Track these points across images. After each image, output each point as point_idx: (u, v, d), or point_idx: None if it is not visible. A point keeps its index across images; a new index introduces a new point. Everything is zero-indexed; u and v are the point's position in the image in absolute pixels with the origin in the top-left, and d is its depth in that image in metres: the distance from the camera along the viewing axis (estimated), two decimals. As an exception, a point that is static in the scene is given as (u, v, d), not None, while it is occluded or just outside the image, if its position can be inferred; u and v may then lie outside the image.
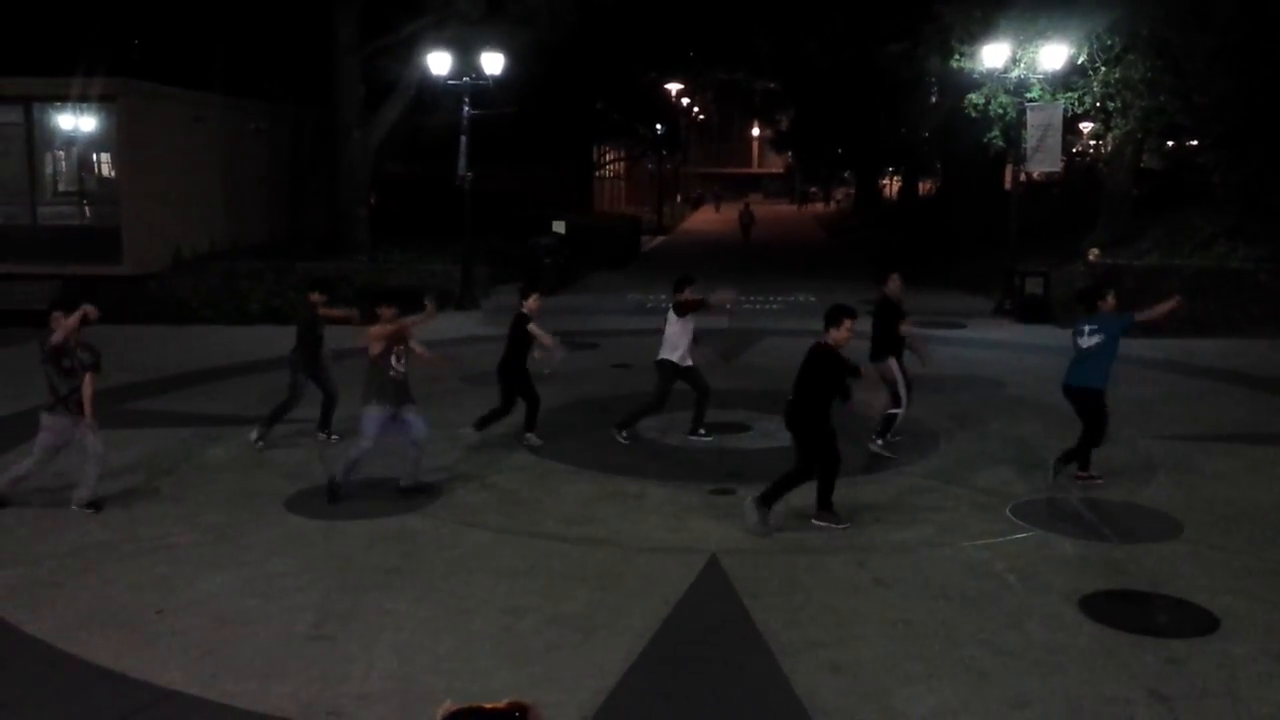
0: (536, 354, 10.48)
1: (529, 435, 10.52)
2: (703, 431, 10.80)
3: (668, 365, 10.55)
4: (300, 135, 26.94)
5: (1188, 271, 18.78)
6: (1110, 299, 9.18)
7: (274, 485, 9.23)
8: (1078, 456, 9.10)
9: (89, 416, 8.36)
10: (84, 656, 6.08)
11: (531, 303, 10.45)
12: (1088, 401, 9.01)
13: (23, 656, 6.13)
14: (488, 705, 2.33)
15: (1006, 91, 20.68)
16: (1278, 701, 5.62)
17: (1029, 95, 20.22)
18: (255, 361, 14.66)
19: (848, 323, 8.14)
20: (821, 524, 8.11)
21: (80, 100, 20.34)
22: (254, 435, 10.36)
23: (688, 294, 10.51)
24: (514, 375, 10.46)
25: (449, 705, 2.36)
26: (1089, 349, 9.00)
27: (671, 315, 10.64)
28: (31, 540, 7.89)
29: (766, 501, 8.05)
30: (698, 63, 48.24)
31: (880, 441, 10.17)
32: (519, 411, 10.57)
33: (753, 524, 7.98)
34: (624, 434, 10.63)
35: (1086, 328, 9.07)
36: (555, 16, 25.13)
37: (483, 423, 10.54)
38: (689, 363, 10.64)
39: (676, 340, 10.56)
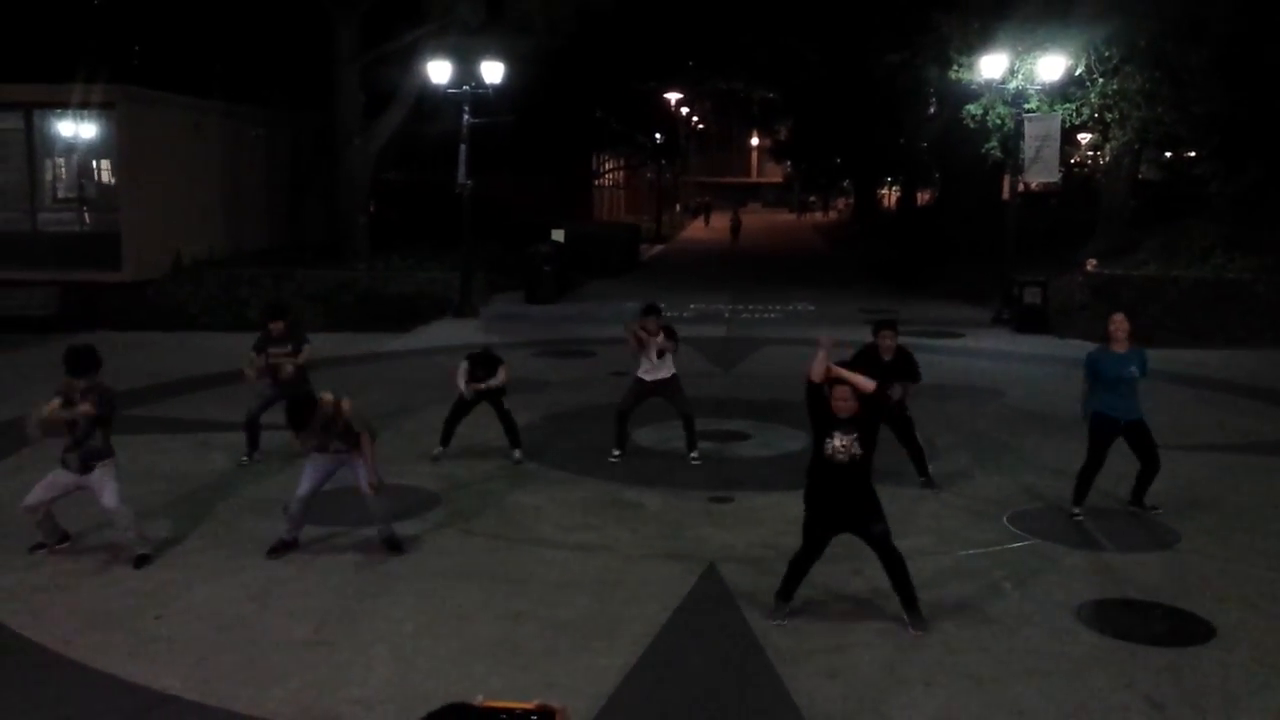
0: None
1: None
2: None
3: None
4: (300, 142, 26.99)
5: (1185, 282, 18.84)
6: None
7: (273, 491, 9.24)
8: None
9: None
10: (83, 661, 6.09)
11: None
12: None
13: (22, 660, 6.14)
14: (516, 705, 2.39)
15: (1004, 102, 20.75)
16: (1273, 710, 5.65)
17: (1027, 106, 20.29)
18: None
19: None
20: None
21: (80, 107, 20.37)
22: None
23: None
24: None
25: (481, 699, 2.42)
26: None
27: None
28: (31, 545, 7.89)
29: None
30: (697, 72, 48.34)
31: None
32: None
33: None
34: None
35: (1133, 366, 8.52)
36: (554, 25, 25.20)
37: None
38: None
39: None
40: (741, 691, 5.84)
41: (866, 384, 6.51)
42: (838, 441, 6.45)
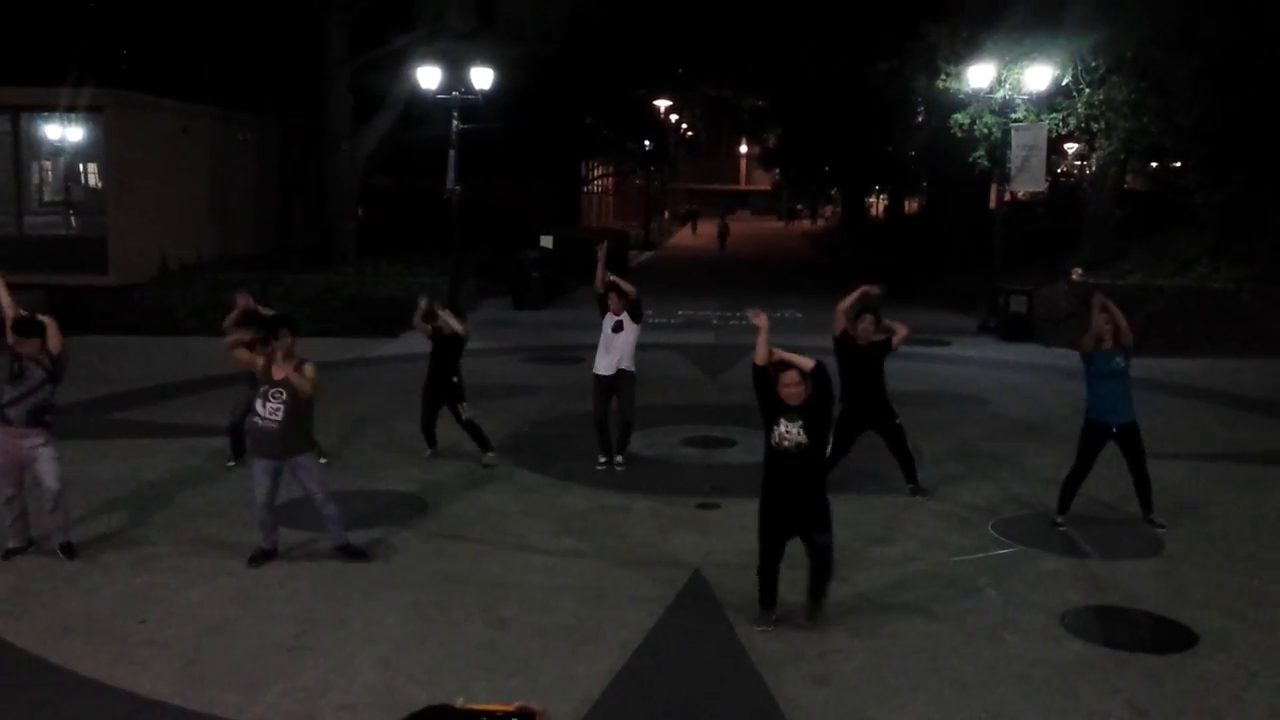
0: None
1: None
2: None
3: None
4: (289, 147, 26.93)
5: (1170, 291, 18.92)
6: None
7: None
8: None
9: None
10: (66, 665, 6.06)
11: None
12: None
13: (5, 665, 6.10)
14: (496, 707, 2.41)
15: (992, 111, 20.84)
16: (1254, 717, 5.68)
17: (1014, 115, 20.38)
18: (240, 374, 14.61)
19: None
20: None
21: (68, 110, 20.30)
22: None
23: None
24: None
25: (462, 702, 2.43)
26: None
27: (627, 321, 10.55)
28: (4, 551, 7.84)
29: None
30: (687, 79, 48.46)
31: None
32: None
33: None
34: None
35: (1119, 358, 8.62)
36: (545, 31, 25.24)
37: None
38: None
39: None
40: (727, 697, 5.85)
41: (805, 362, 6.54)
42: (783, 428, 6.44)
